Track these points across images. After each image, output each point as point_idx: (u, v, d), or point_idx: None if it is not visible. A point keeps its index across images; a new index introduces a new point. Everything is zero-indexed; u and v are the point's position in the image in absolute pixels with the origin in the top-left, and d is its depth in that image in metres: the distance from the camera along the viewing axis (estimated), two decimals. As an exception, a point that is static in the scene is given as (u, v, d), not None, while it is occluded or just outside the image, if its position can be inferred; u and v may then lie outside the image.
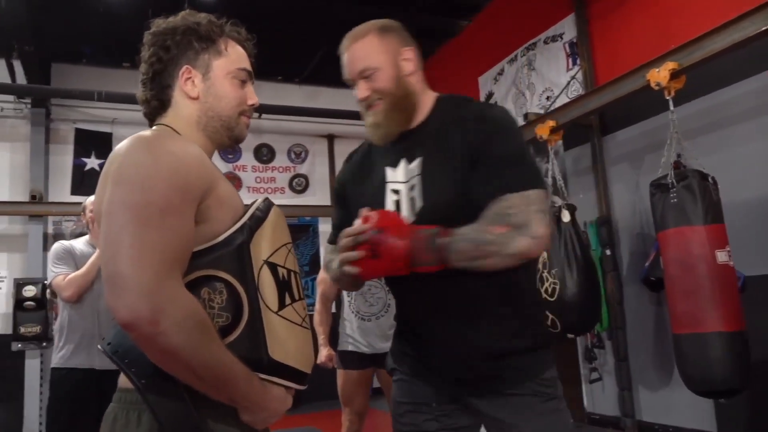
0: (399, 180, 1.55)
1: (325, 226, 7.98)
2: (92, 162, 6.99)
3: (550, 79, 5.68)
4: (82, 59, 7.10)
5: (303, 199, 8.03)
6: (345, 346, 3.56)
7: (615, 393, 4.79)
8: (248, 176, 7.83)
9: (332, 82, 7.44)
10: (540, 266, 4.17)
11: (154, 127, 1.24)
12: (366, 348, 3.50)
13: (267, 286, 1.13)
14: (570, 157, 5.34)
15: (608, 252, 4.77)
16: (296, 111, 7.38)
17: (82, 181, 6.88)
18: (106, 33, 6.26)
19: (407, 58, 1.54)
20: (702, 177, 3.17)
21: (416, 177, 1.51)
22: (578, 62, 5.30)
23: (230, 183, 1.23)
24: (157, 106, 1.26)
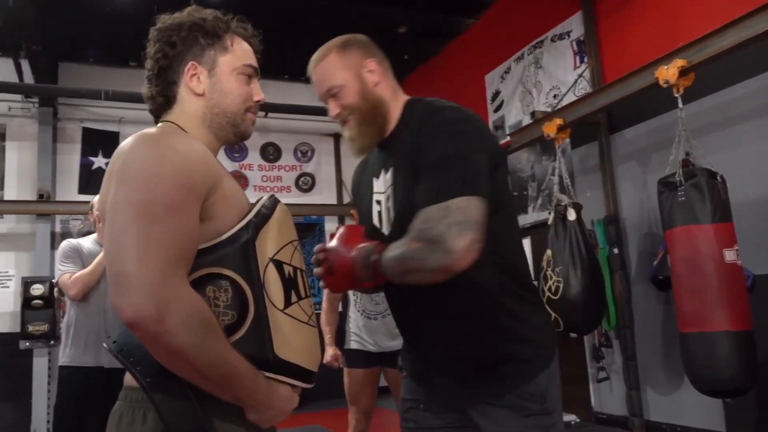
0: (380, 191, 1.58)
1: (331, 225, 7.98)
2: (99, 161, 7.02)
3: (558, 77, 5.66)
4: (89, 58, 7.13)
5: (309, 198, 8.04)
6: (351, 345, 3.56)
7: (623, 392, 4.76)
8: (254, 175, 7.85)
9: (338, 81, 7.42)
10: (544, 264, 4.15)
11: (159, 125, 1.24)
12: (372, 347, 3.49)
13: (273, 284, 1.12)
14: (577, 155, 5.33)
15: (616, 251, 4.75)
16: (302, 110, 7.37)
17: (90, 180, 6.91)
18: (113, 32, 6.27)
19: (371, 70, 1.55)
20: (710, 175, 3.15)
21: (390, 187, 1.53)
22: (586, 60, 5.28)
23: (235, 180, 1.22)
24: (163, 103, 1.25)
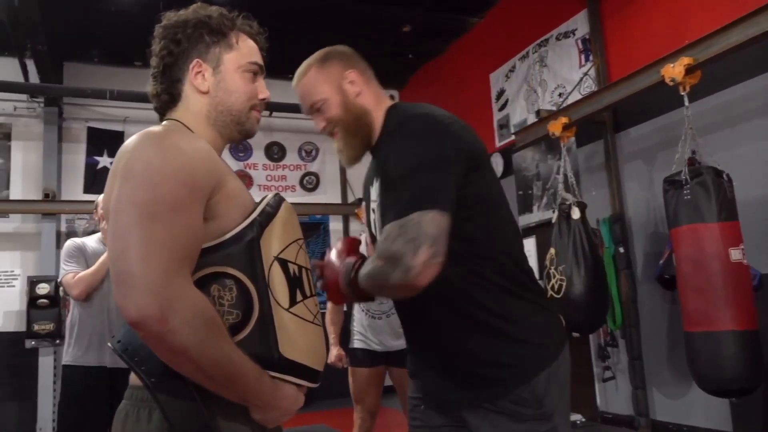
0: (374, 199, 1.60)
1: (336, 224, 7.98)
2: (104, 160, 7.04)
3: (563, 76, 5.64)
4: (94, 58, 7.14)
5: (314, 197, 8.04)
6: (356, 344, 3.55)
7: (628, 392, 4.74)
8: (259, 174, 7.85)
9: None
10: (547, 263, 4.14)
11: (164, 123, 1.23)
12: (377, 346, 3.48)
13: (278, 283, 1.11)
14: (583, 154, 5.31)
15: (621, 250, 4.73)
16: (307, 109, 7.36)
17: (95, 180, 6.94)
18: (118, 32, 6.28)
19: (352, 81, 1.57)
20: (716, 174, 3.13)
21: (378, 197, 1.55)
22: (591, 58, 5.26)
23: (239, 179, 1.21)
24: (168, 101, 1.25)
